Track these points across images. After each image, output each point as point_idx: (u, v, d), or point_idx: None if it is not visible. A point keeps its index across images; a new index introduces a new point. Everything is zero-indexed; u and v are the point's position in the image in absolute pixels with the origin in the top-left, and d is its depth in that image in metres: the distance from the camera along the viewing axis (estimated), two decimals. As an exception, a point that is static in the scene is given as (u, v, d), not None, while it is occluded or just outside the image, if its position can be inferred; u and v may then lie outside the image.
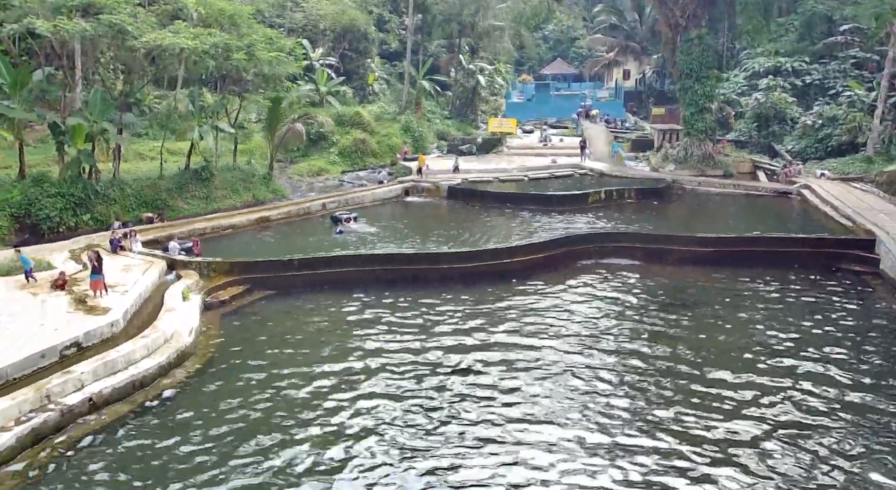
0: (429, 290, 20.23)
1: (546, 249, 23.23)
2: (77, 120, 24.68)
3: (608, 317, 18.31)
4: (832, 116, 38.70)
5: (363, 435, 12.23)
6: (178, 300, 18.05)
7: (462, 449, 11.84)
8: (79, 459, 11.58)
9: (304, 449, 11.80)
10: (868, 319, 18.25)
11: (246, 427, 12.53)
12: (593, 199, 30.88)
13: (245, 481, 10.87)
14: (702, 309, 19.05)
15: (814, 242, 23.71)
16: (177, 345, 15.57)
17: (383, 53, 61.81)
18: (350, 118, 41.91)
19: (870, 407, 13.18)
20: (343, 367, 15.09)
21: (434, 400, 13.58)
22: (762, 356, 15.60)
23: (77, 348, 14.55)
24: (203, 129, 27.86)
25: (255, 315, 18.88)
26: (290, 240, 25.13)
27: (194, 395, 13.97)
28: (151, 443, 12.08)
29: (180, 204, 28.04)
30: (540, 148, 44.57)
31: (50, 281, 17.90)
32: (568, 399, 13.56)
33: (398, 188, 33.08)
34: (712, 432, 12.28)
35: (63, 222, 24.56)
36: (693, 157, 37.89)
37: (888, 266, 21.35)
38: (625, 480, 10.92)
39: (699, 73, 37.04)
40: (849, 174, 33.74)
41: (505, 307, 18.98)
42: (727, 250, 23.39)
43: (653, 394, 13.89)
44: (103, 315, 15.92)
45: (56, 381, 13.07)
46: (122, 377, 13.91)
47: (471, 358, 15.50)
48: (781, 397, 13.56)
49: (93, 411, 13.09)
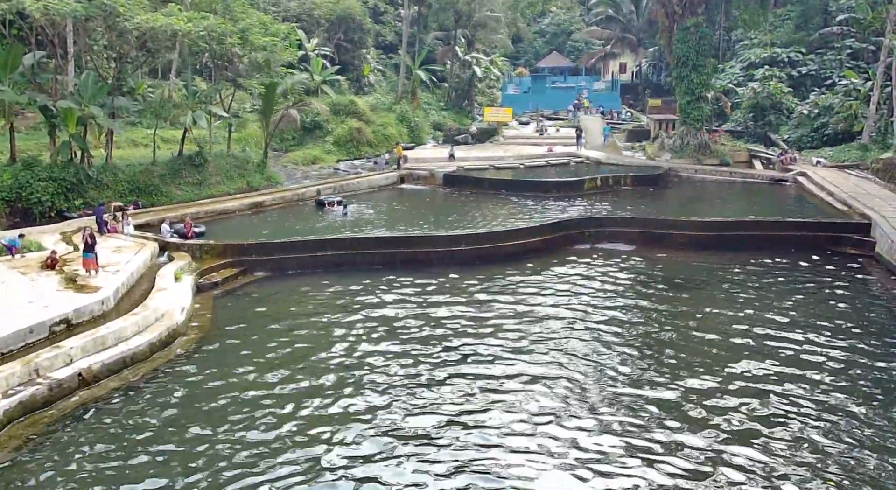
0: (424, 272, 20.09)
1: (542, 233, 23.12)
2: (68, 104, 24.39)
3: (605, 298, 18.17)
4: (828, 106, 38.65)
5: (353, 415, 12.00)
6: (170, 281, 17.87)
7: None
8: (67, 433, 11.42)
9: (296, 424, 11.63)
10: (864, 300, 18.20)
11: (237, 404, 12.35)
12: (589, 185, 30.78)
13: (234, 455, 10.69)
14: (698, 290, 18.99)
15: (810, 226, 23.65)
16: (168, 323, 15.39)
17: (379, 45, 61.56)
18: (345, 107, 41.68)
19: (867, 384, 13.07)
20: (337, 347, 14.91)
21: (430, 374, 13.43)
22: (760, 335, 15.48)
23: (66, 325, 14.36)
24: (197, 114, 27.62)
25: (249, 296, 18.73)
26: (284, 224, 24.96)
27: (186, 372, 13.79)
28: (141, 419, 11.91)
29: (173, 190, 27.76)
30: (536, 137, 44.44)
31: (40, 261, 17.70)
32: (564, 379, 13.42)
33: (394, 175, 32.92)
34: (709, 408, 12.17)
35: (55, 207, 24.30)
36: (689, 146, 37.77)
37: (884, 249, 21.31)
38: (621, 451, 10.81)
39: (695, 62, 36.90)
40: (844, 162, 33.72)
41: (500, 289, 18.83)
42: (723, 234, 23.34)
43: (649, 370, 13.78)
44: (94, 293, 15.73)
45: (45, 355, 12.90)
46: (113, 353, 13.75)
47: (467, 338, 15.35)
48: (780, 374, 13.43)
49: (82, 387, 12.93)
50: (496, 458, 10.52)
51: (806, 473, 10.17)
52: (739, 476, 10.06)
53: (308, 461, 10.55)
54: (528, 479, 10.04)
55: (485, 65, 55.24)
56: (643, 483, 9.91)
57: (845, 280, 19.94)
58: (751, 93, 42.80)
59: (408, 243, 21.83)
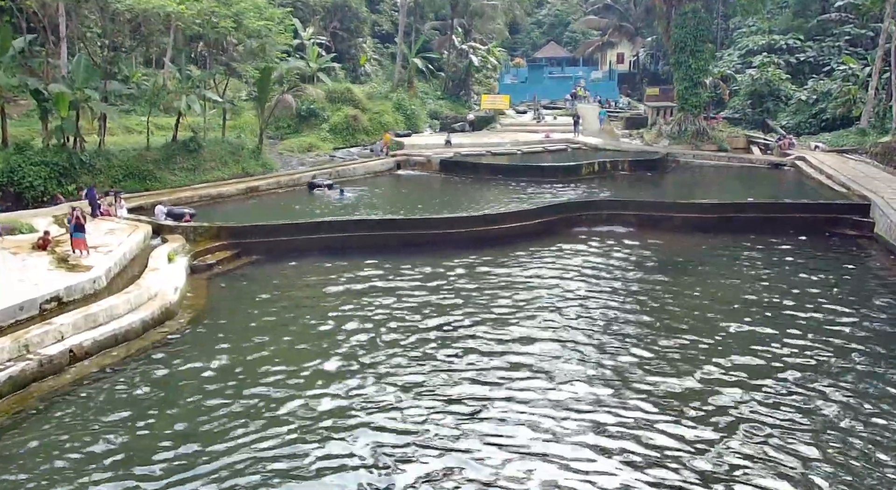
0: (420, 255, 19.86)
1: (539, 216, 22.95)
2: (60, 87, 24.13)
3: (603, 278, 17.95)
4: (826, 91, 38.53)
5: (345, 390, 11.81)
6: (164, 262, 17.70)
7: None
8: (56, 409, 11.24)
9: (291, 403, 11.41)
10: (864, 278, 18.09)
11: (230, 382, 12.16)
12: (587, 170, 30.60)
13: (225, 433, 10.47)
14: (697, 271, 18.83)
15: (809, 208, 23.53)
16: (161, 302, 15.22)
17: (375, 34, 61.16)
18: (341, 95, 41.35)
19: (868, 360, 12.92)
20: (332, 326, 14.70)
21: (427, 353, 13.23)
22: (760, 312, 15.29)
23: (57, 303, 14.15)
24: (190, 99, 27.35)
25: (243, 277, 18.55)
26: (279, 208, 24.77)
27: (178, 350, 13.62)
28: (132, 395, 11.75)
29: (168, 175, 27.51)
30: (533, 125, 44.25)
31: (32, 242, 17.49)
32: (560, 358, 13.28)
33: (390, 161, 32.73)
34: (708, 385, 12.05)
35: (47, 191, 24.07)
36: (687, 132, 37.61)
37: (883, 229, 21.17)
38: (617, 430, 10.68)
39: (693, 47, 36.70)
40: (843, 146, 33.58)
41: (496, 271, 18.62)
42: (721, 216, 23.18)
43: (647, 347, 13.66)
44: (85, 272, 15.53)
45: (35, 331, 12.72)
46: (104, 330, 13.57)
47: (464, 317, 15.18)
48: (780, 350, 13.25)
49: (73, 363, 12.76)
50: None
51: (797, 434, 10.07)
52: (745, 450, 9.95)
53: (295, 432, 10.41)
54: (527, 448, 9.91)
55: (482, 54, 54.89)
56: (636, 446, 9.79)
57: (845, 260, 19.82)
58: (749, 80, 42.67)
59: (404, 225, 21.66)
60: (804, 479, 9.14)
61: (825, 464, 9.51)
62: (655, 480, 9.13)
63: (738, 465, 9.48)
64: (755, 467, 9.41)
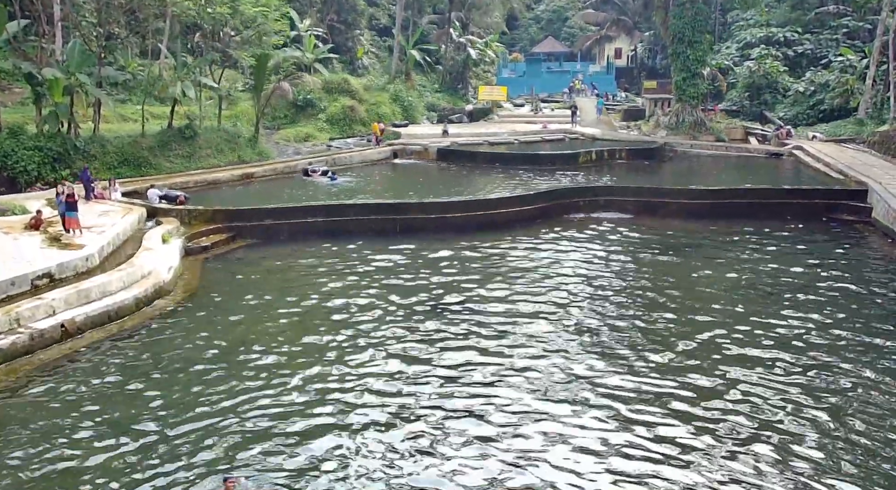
0: (417, 238, 19.76)
1: (536, 201, 22.84)
2: (54, 72, 23.94)
3: (599, 262, 17.78)
4: (824, 82, 38.47)
5: (337, 369, 11.64)
6: (157, 242, 17.57)
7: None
8: (46, 382, 11.11)
9: (283, 375, 11.34)
10: (862, 262, 18.03)
11: (222, 355, 12.05)
12: (584, 159, 30.51)
13: (215, 408, 10.32)
14: (693, 254, 18.68)
15: (806, 193, 23.48)
16: (155, 280, 15.11)
17: (373, 28, 60.92)
18: (338, 85, 41.18)
19: (869, 343, 12.73)
20: (326, 305, 14.59)
21: (421, 338, 12.96)
22: (760, 295, 15.16)
23: (49, 279, 14.04)
24: (185, 85, 27.18)
25: (238, 260, 18.42)
26: (274, 194, 24.61)
27: (172, 326, 13.51)
28: (124, 367, 11.65)
29: (163, 162, 27.33)
30: (531, 116, 44.15)
31: (24, 222, 17.34)
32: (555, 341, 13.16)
33: (387, 150, 32.59)
34: (706, 369, 11.95)
35: (41, 177, 23.90)
36: (685, 123, 37.51)
37: (880, 214, 21.13)
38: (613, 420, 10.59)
39: (691, 38, 36.58)
40: (841, 136, 33.53)
41: (493, 254, 18.51)
42: (718, 202, 23.09)
43: (644, 330, 13.57)
44: (78, 250, 15.40)
45: (26, 305, 12.62)
46: (97, 306, 13.46)
47: (459, 298, 15.05)
48: (780, 332, 13.07)
49: (66, 338, 12.64)
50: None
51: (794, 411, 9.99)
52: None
53: (284, 400, 10.31)
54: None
55: (479, 47, 54.72)
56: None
57: (842, 244, 19.76)
58: (746, 72, 42.57)
59: (400, 210, 21.53)
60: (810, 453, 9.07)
61: (832, 438, 9.43)
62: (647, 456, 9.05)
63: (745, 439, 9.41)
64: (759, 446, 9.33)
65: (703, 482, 8.31)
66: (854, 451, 8.99)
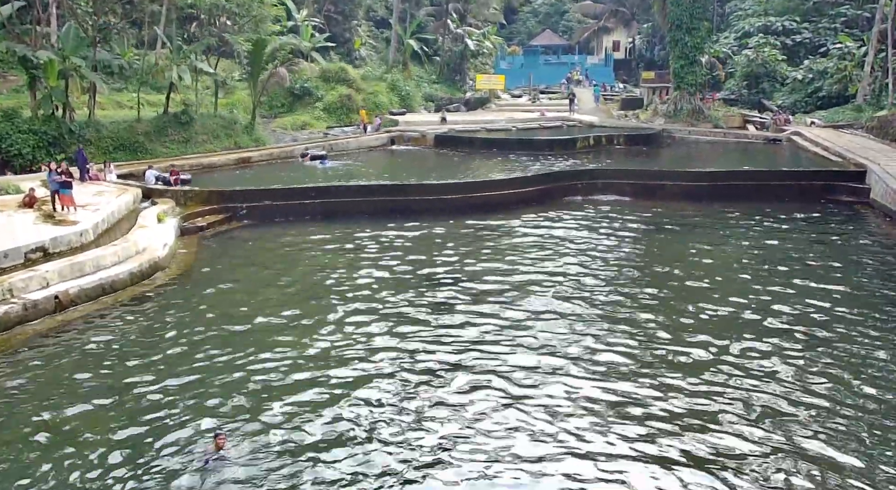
0: (413, 220, 19.65)
1: (534, 184, 22.77)
2: (49, 54, 23.78)
3: (597, 243, 17.53)
4: (822, 70, 38.38)
5: (332, 345, 11.46)
6: (153, 221, 17.48)
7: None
8: (37, 352, 11.02)
9: (275, 347, 11.23)
10: (861, 241, 17.93)
11: (217, 326, 11.95)
12: (582, 144, 30.40)
13: (208, 380, 10.20)
14: (691, 235, 18.52)
15: (804, 175, 23.43)
16: (150, 256, 15.01)
17: (370, 19, 60.68)
18: (335, 74, 41.02)
19: (865, 321, 12.61)
20: (325, 280, 14.48)
21: (416, 317, 12.68)
22: (759, 274, 14.92)
23: (43, 253, 13.92)
24: (181, 69, 27.01)
25: (233, 239, 18.32)
26: (270, 177, 24.49)
27: (167, 299, 13.42)
28: (118, 336, 11.57)
29: (159, 147, 27.19)
30: (529, 105, 44.03)
31: (18, 201, 17.21)
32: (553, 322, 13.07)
33: (384, 137, 32.48)
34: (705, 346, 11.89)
35: (36, 160, 23.75)
36: (683, 111, 37.40)
37: (879, 194, 21.07)
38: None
39: (689, 25, 36.45)
40: (839, 122, 33.47)
41: (490, 235, 18.36)
42: (716, 184, 23.00)
43: (644, 308, 13.50)
44: (72, 225, 15.29)
45: (19, 276, 12.53)
46: (91, 279, 13.36)
47: (452, 274, 14.93)
48: (779, 309, 12.80)
49: (60, 310, 12.54)
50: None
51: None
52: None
53: (273, 368, 10.24)
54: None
55: (477, 37, 54.55)
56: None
57: (841, 224, 19.71)
58: (745, 60, 42.45)
59: (397, 191, 21.43)
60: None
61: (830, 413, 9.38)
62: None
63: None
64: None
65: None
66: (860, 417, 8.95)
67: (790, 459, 7.80)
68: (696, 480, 7.46)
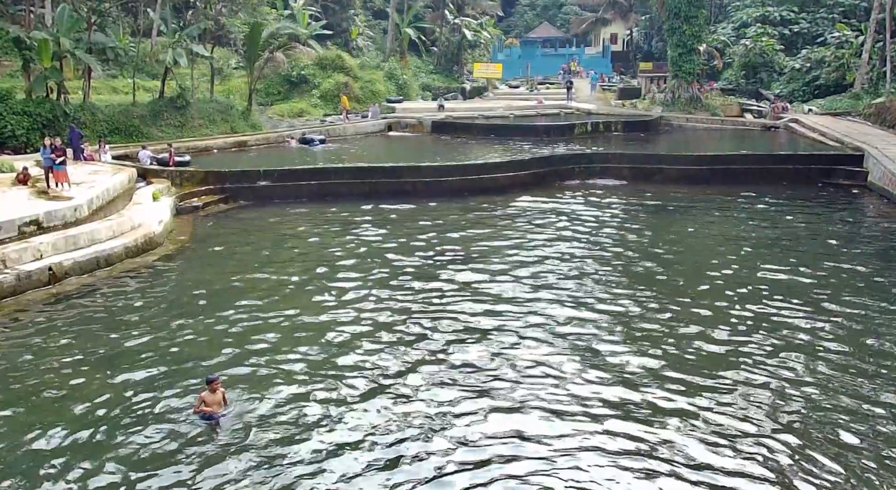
0: (409, 201, 19.56)
1: (531, 167, 22.69)
2: (43, 35, 23.58)
3: (594, 226, 17.36)
4: (820, 59, 38.35)
5: (323, 321, 11.42)
6: (149, 199, 17.38)
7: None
8: (33, 319, 10.93)
9: (269, 320, 11.09)
10: (860, 223, 17.98)
11: (211, 298, 11.87)
12: (580, 130, 30.33)
13: (209, 347, 10.11)
14: (688, 218, 18.36)
15: (802, 159, 23.39)
16: (145, 231, 14.92)
17: (367, 9, 60.40)
18: (332, 62, 40.82)
19: (863, 303, 12.52)
20: (320, 257, 14.40)
21: (403, 284, 12.69)
22: (757, 256, 14.71)
23: (37, 227, 13.78)
24: (177, 52, 26.83)
25: (230, 219, 18.21)
26: (267, 159, 24.40)
27: (161, 273, 13.34)
28: (111, 309, 11.47)
29: (154, 131, 27.02)
30: (526, 94, 43.92)
31: (12, 178, 17.07)
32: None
33: (381, 123, 32.36)
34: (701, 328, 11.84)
35: (30, 143, 23.56)
36: (680, 99, 37.34)
37: (876, 177, 21.07)
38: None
39: (687, 13, 36.33)
40: (836, 110, 33.47)
41: (486, 217, 18.22)
42: (714, 168, 22.95)
43: (642, 287, 13.45)
44: (66, 201, 15.16)
45: (13, 247, 12.42)
46: (85, 252, 13.28)
47: (447, 256, 14.76)
48: (776, 291, 12.57)
49: (53, 282, 12.44)
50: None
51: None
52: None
53: (263, 339, 10.16)
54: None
55: (474, 28, 54.34)
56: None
57: (839, 207, 19.68)
58: (742, 50, 42.40)
59: (393, 173, 21.32)
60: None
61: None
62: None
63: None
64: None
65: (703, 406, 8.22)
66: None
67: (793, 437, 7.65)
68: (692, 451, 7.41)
